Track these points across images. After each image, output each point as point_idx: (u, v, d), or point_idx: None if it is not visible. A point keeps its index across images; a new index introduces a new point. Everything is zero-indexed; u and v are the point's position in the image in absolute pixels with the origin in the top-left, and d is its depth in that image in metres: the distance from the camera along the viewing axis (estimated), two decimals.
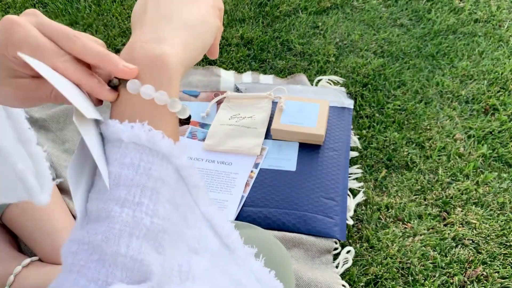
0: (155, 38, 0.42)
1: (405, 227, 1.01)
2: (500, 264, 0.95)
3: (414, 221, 1.02)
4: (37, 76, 0.43)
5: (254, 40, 1.41)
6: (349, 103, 1.24)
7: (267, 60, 1.38)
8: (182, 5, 0.45)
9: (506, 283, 0.92)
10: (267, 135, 1.16)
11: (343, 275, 0.95)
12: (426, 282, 0.93)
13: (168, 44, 0.42)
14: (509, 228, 1.00)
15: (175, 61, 0.41)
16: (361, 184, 1.08)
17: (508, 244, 0.98)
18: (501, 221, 1.01)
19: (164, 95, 0.40)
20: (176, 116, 0.42)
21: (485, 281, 0.93)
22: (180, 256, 0.40)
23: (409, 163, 1.12)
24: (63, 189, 1.04)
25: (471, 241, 0.99)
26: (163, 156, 0.39)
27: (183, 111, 0.41)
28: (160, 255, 0.37)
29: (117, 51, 1.40)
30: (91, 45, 0.41)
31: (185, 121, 1.15)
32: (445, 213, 1.04)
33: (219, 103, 1.25)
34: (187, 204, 0.42)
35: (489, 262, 0.95)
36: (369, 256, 0.97)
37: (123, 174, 0.38)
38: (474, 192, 1.06)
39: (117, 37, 1.43)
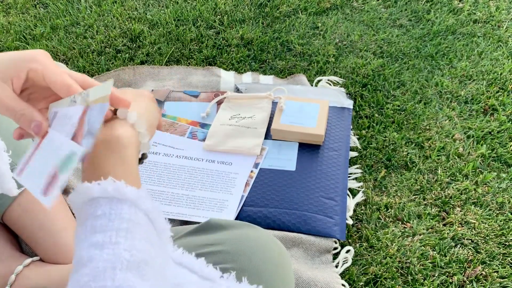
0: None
1: (405, 227, 1.02)
2: (499, 264, 0.96)
3: (413, 221, 1.02)
4: None
5: (254, 41, 1.42)
6: (349, 103, 1.24)
7: (267, 60, 1.38)
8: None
9: (505, 283, 0.93)
10: (267, 135, 1.17)
11: (342, 275, 0.95)
12: (426, 281, 0.93)
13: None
14: (508, 228, 1.01)
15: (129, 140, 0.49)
16: (361, 184, 1.09)
17: (507, 243, 0.98)
18: (500, 221, 1.02)
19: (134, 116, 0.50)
20: (136, 169, 0.48)
21: (484, 281, 0.93)
22: (166, 284, 0.45)
23: (408, 163, 1.13)
24: (63, 189, 1.05)
25: (470, 241, 0.99)
26: (131, 203, 0.44)
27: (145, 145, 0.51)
28: (146, 282, 0.41)
29: (118, 52, 1.41)
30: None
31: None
32: (445, 213, 1.04)
33: (219, 103, 1.25)
34: (159, 245, 0.46)
35: (488, 262, 0.96)
36: (369, 255, 0.97)
37: (98, 224, 0.42)
38: (473, 192, 1.07)
39: (118, 38, 1.44)
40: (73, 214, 1.01)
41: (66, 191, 1.05)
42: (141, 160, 0.54)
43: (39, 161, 0.48)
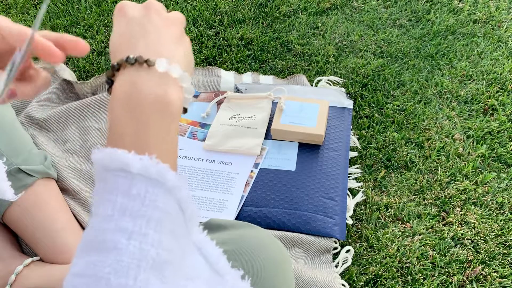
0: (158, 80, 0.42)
1: (404, 227, 1.02)
2: (499, 264, 0.96)
3: (413, 220, 1.03)
4: None
5: (254, 41, 1.42)
6: (349, 103, 1.24)
7: (267, 60, 1.38)
8: (175, 43, 0.46)
9: (505, 283, 0.93)
10: (267, 135, 1.17)
11: (342, 275, 0.95)
12: (425, 281, 0.93)
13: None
14: (508, 228, 1.01)
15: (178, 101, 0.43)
16: (361, 184, 1.09)
17: (507, 243, 0.99)
18: (500, 221, 1.02)
19: (177, 68, 0.43)
20: (177, 148, 0.43)
21: (484, 281, 0.93)
22: (179, 284, 0.41)
23: (408, 163, 1.13)
24: (63, 189, 1.05)
25: (470, 241, 0.99)
26: (167, 188, 0.40)
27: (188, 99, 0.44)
28: (164, 285, 0.38)
29: None
30: None
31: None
32: (444, 213, 1.04)
33: (219, 103, 1.25)
34: (184, 234, 0.43)
35: (488, 262, 0.96)
36: (369, 255, 0.97)
37: (130, 205, 0.38)
38: (473, 192, 1.07)
39: None
40: (73, 214, 1.01)
41: (66, 191, 1.05)
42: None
43: None
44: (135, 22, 0.45)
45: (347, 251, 0.98)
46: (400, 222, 1.03)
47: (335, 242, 1.00)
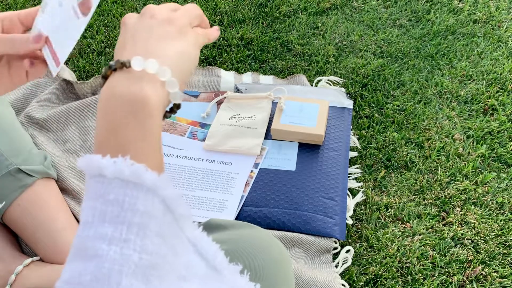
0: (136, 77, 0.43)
1: (404, 227, 1.02)
2: (499, 264, 0.96)
3: (413, 220, 1.03)
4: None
5: (254, 41, 1.42)
6: (349, 104, 1.24)
7: (267, 60, 1.38)
8: (166, 41, 0.46)
9: (505, 283, 0.93)
10: (267, 135, 1.17)
11: (342, 275, 0.95)
12: (425, 281, 0.93)
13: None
14: (508, 228, 1.01)
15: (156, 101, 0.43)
16: (361, 184, 1.09)
17: (507, 243, 0.99)
18: (500, 221, 1.02)
19: (155, 64, 0.42)
20: (159, 146, 0.42)
21: (484, 281, 0.93)
22: (172, 285, 0.40)
23: (408, 163, 1.13)
24: (63, 189, 1.05)
25: (470, 241, 0.99)
26: (147, 189, 0.39)
27: (175, 94, 0.43)
28: (150, 285, 0.37)
29: None
30: None
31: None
32: (444, 213, 1.04)
33: (219, 103, 1.25)
34: (174, 233, 0.41)
35: (488, 262, 0.96)
36: (369, 255, 0.97)
37: (108, 211, 0.38)
38: (473, 192, 1.07)
39: (118, 38, 1.44)
40: (73, 214, 1.01)
41: (66, 191, 1.05)
42: (170, 112, 0.47)
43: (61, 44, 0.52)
44: (129, 29, 0.47)
45: (347, 251, 0.98)
46: (400, 222, 1.03)
47: (335, 242, 1.00)
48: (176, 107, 0.46)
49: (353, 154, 1.15)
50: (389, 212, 1.04)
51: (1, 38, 0.53)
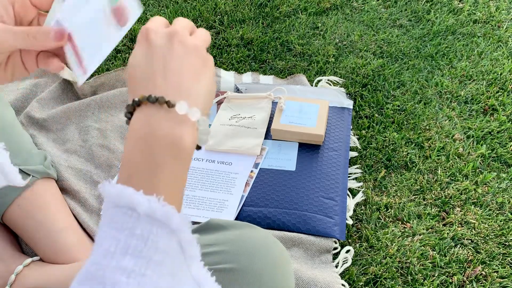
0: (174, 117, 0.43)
1: (404, 227, 1.02)
2: (499, 264, 0.96)
3: (413, 221, 1.03)
4: None
5: (254, 41, 1.42)
6: (349, 104, 1.24)
7: (267, 60, 1.38)
8: (197, 77, 0.46)
9: (505, 283, 0.93)
10: (267, 135, 1.17)
11: (342, 275, 0.95)
12: (425, 281, 0.93)
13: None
14: (508, 228, 1.01)
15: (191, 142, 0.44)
16: (361, 184, 1.09)
17: (507, 244, 0.99)
18: (500, 221, 1.02)
19: (197, 112, 0.43)
20: (185, 185, 0.44)
21: (484, 281, 0.93)
22: None
23: (408, 163, 1.13)
24: (63, 189, 1.05)
25: (470, 241, 0.99)
26: (171, 230, 0.41)
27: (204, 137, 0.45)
28: None
29: (118, 52, 1.41)
30: None
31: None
32: (444, 213, 1.04)
33: (219, 103, 1.25)
34: (183, 272, 0.43)
35: (488, 262, 0.96)
36: (369, 255, 0.97)
37: (132, 244, 0.39)
38: (473, 192, 1.07)
39: None
40: (73, 214, 1.01)
41: (66, 191, 1.05)
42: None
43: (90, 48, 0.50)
44: (157, 53, 0.45)
45: (347, 251, 0.98)
46: (400, 222, 1.03)
47: (335, 242, 1.00)
48: (197, 148, 0.47)
49: (353, 154, 1.15)
50: (389, 212, 1.04)
51: (17, 32, 0.49)
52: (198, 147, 0.47)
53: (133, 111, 0.44)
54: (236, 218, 1.02)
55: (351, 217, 1.03)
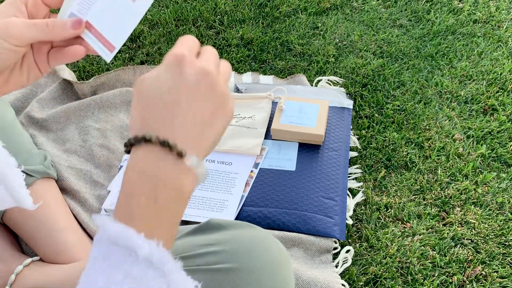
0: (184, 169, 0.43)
1: (404, 227, 1.02)
2: (499, 264, 0.96)
3: (413, 220, 1.03)
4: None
5: (254, 41, 1.42)
6: (349, 104, 1.24)
7: (267, 60, 1.38)
8: (208, 125, 0.46)
9: (505, 283, 0.93)
10: (267, 135, 1.17)
11: (342, 275, 0.95)
12: (425, 281, 0.93)
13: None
14: (508, 228, 1.01)
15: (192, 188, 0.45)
16: (361, 184, 1.09)
17: (507, 243, 0.99)
18: (500, 221, 1.02)
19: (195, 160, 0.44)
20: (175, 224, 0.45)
21: (484, 281, 0.93)
22: None
23: (408, 163, 1.13)
24: (63, 189, 1.05)
25: (470, 241, 0.99)
26: (163, 274, 0.41)
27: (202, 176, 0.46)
28: None
29: (118, 52, 1.41)
30: None
31: None
32: (444, 213, 1.04)
33: None
34: None
35: (488, 262, 0.96)
36: (369, 255, 0.97)
37: (126, 282, 0.40)
38: (473, 192, 1.07)
39: None
40: (73, 214, 1.01)
41: (66, 191, 1.05)
42: None
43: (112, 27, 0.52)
44: (184, 90, 0.44)
45: (347, 251, 0.98)
46: (400, 222, 1.03)
47: (335, 242, 1.00)
48: None
49: (353, 154, 1.15)
50: (389, 212, 1.04)
51: (37, 23, 0.51)
52: None
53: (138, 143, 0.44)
54: (236, 218, 1.02)
55: (351, 217, 1.03)
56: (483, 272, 0.94)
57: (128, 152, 0.44)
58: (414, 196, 1.07)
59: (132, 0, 0.50)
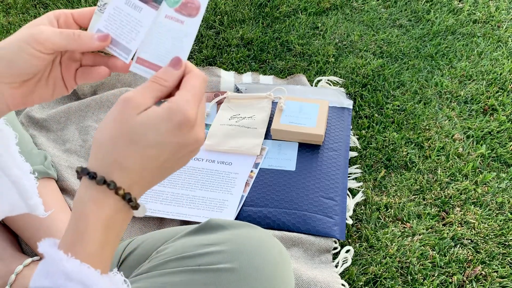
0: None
1: (404, 227, 1.02)
2: (499, 264, 0.96)
3: (413, 220, 1.03)
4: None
5: (254, 41, 1.42)
6: (349, 104, 1.24)
7: (267, 60, 1.38)
8: (167, 171, 0.49)
9: (505, 283, 0.93)
10: (267, 135, 1.17)
11: (342, 275, 0.95)
12: (425, 281, 0.93)
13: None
14: (508, 227, 1.01)
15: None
16: (361, 184, 1.09)
17: (506, 243, 0.99)
18: (500, 221, 1.02)
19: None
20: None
21: (484, 281, 0.93)
22: None
23: (408, 163, 1.13)
24: (63, 189, 1.05)
25: (470, 241, 0.99)
26: None
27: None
28: None
29: None
30: None
31: None
32: (444, 213, 1.04)
33: (219, 103, 1.25)
34: None
35: (488, 262, 0.96)
36: (369, 255, 0.97)
37: None
38: (473, 192, 1.07)
39: None
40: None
41: (66, 191, 1.05)
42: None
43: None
44: (172, 154, 0.48)
45: (347, 251, 0.98)
46: (400, 222, 1.03)
47: (335, 242, 1.00)
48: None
49: (353, 154, 1.15)
50: (389, 212, 1.04)
51: (63, 31, 0.51)
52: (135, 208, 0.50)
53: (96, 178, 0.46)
54: (236, 218, 1.02)
55: (351, 217, 1.04)
56: (483, 272, 0.94)
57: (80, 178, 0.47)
58: (414, 196, 1.07)
59: (181, 22, 0.51)
